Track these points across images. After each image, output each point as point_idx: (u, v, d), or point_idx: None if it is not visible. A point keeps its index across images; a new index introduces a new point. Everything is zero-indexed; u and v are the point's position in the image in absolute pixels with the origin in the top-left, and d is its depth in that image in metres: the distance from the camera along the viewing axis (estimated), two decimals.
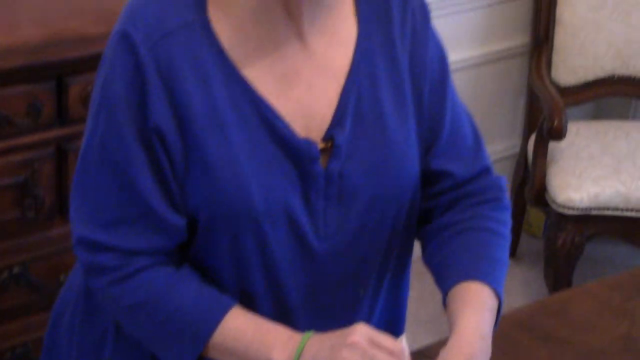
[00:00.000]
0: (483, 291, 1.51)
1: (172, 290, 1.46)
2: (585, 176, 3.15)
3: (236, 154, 1.45)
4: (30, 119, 2.15)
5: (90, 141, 1.46)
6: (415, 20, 1.58)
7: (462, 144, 1.64)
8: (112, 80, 1.42)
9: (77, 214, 1.49)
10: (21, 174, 2.18)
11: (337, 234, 1.53)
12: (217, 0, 1.45)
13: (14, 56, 2.11)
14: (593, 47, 3.48)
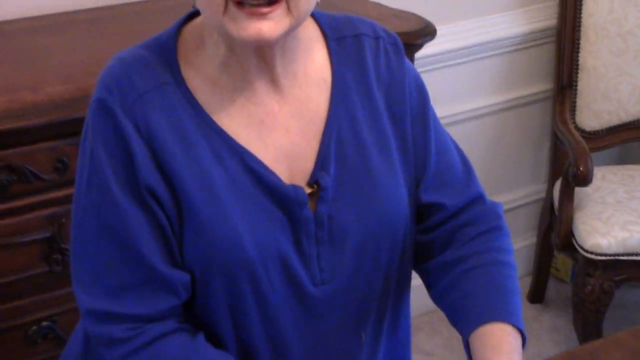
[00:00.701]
0: (507, 333, 1.50)
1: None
2: (613, 221, 3.14)
3: (226, 208, 1.46)
4: (57, 174, 2.17)
5: (83, 210, 1.48)
6: (389, 59, 1.60)
7: (451, 173, 1.65)
8: (97, 147, 1.45)
9: (80, 285, 1.50)
10: (48, 228, 2.19)
11: (333, 279, 1.54)
12: (188, 59, 1.49)
13: (40, 113, 2.12)
14: (617, 91, 3.48)
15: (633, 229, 3.11)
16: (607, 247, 3.09)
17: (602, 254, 3.10)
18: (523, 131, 3.67)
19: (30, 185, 2.15)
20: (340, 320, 1.57)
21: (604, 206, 3.21)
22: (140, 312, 1.45)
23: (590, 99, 3.49)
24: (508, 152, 3.59)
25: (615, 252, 3.10)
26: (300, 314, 1.53)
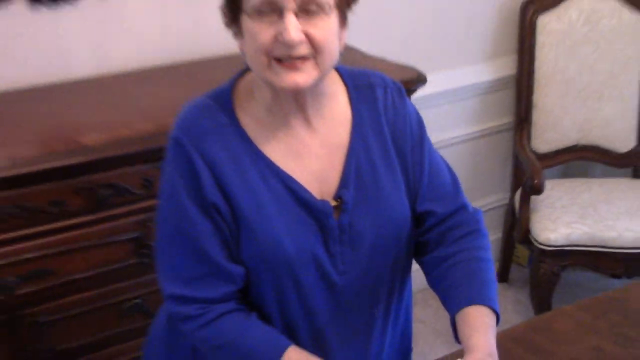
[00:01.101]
0: (484, 313, 1.50)
1: (245, 335, 1.47)
2: (559, 221, 3.12)
3: (270, 218, 1.47)
4: (144, 190, 2.17)
5: (164, 222, 1.50)
6: (394, 102, 1.60)
7: (441, 187, 1.64)
8: (173, 173, 1.48)
9: (163, 276, 1.52)
10: (137, 230, 2.19)
11: (352, 270, 1.54)
12: (241, 105, 1.50)
13: (132, 145, 2.14)
14: (561, 124, 3.47)
15: (574, 226, 3.09)
16: (555, 240, 3.08)
17: (551, 246, 3.08)
18: (492, 153, 3.66)
19: (124, 198, 2.15)
20: (358, 300, 1.58)
21: (552, 210, 3.19)
22: (208, 296, 1.47)
23: (541, 129, 3.48)
24: (481, 169, 3.59)
25: (561, 244, 3.08)
26: (328, 296, 1.54)
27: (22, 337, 2.11)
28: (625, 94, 3.45)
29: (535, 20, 3.41)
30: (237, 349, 1.47)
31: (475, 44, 3.46)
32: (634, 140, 3.49)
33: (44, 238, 2.07)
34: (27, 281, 2.06)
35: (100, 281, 2.18)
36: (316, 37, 1.37)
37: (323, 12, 1.38)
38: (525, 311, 3.32)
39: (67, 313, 2.15)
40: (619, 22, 3.41)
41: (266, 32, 1.36)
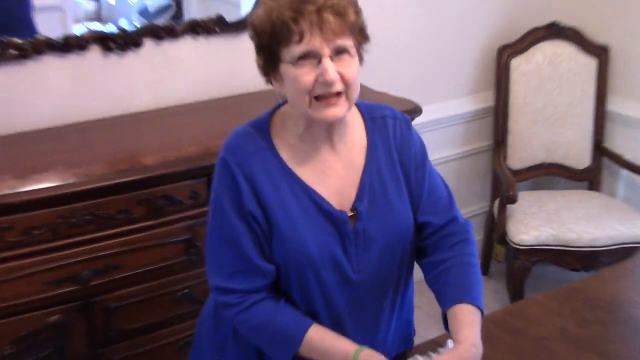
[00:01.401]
0: (471, 310, 1.49)
1: (274, 317, 1.47)
2: (530, 225, 3.10)
3: (297, 225, 1.47)
4: (192, 200, 2.17)
5: (212, 227, 1.51)
6: (402, 129, 1.59)
7: (438, 202, 1.62)
8: (220, 188, 1.49)
9: (210, 271, 1.53)
10: (187, 233, 2.19)
11: (365, 269, 1.53)
12: (277, 133, 1.51)
13: (182, 164, 2.14)
14: (530, 146, 3.45)
15: (542, 229, 3.07)
16: (526, 241, 3.05)
17: (524, 245, 3.06)
18: (474, 170, 3.64)
19: (176, 207, 2.15)
20: (369, 293, 1.57)
21: (524, 216, 3.17)
22: (245, 287, 1.47)
23: (514, 150, 3.45)
24: (465, 183, 3.57)
25: (531, 244, 3.05)
26: (345, 290, 1.53)
27: (95, 319, 2.11)
28: (581, 121, 3.43)
29: (509, 63, 3.40)
30: (268, 328, 1.47)
31: (461, 81, 3.45)
32: (589, 159, 3.47)
33: (113, 240, 2.07)
34: (99, 274, 2.07)
35: (157, 274, 2.18)
36: (346, 75, 1.39)
37: (349, 55, 1.40)
38: (502, 299, 3.30)
39: (131, 300, 2.15)
40: (575, 64, 3.40)
41: (308, 76, 1.37)
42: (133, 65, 2.50)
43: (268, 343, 1.50)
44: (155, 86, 2.57)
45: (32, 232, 1.94)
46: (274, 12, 1.37)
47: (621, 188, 3.49)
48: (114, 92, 2.49)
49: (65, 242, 2.00)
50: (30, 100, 2.34)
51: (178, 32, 2.55)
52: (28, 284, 1.97)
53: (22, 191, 1.92)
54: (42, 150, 2.19)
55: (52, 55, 2.34)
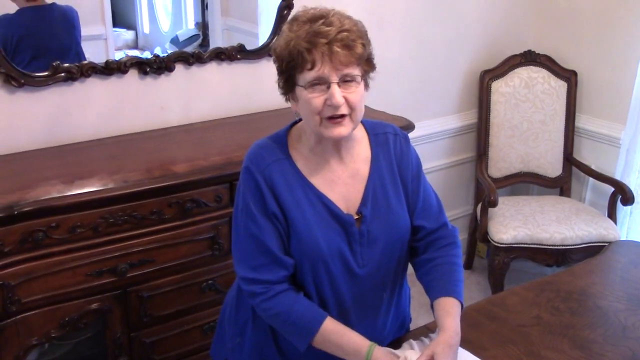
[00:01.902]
0: (454, 303, 1.49)
1: (294, 307, 1.45)
2: (508, 226, 3.06)
3: (311, 225, 1.46)
4: (216, 203, 2.14)
5: (239, 225, 1.48)
6: (401, 145, 1.58)
7: (429, 209, 1.60)
8: (245, 192, 1.47)
9: (237, 264, 1.51)
10: (212, 232, 2.16)
11: (368, 264, 1.51)
12: (293, 146, 1.50)
13: (208, 171, 2.11)
14: (508, 157, 3.41)
15: (519, 229, 3.03)
16: (505, 239, 3.01)
17: (503, 243, 3.02)
18: (460, 178, 3.60)
19: (202, 209, 2.12)
20: (371, 286, 1.55)
21: (503, 218, 3.13)
22: (269, 278, 1.45)
23: (495, 161, 3.42)
24: (452, 189, 3.53)
25: (510, 242, 3.01)
26: (350, 283, 1.51)
27: (131, 306, 2.09)
28: (553, 136, 3.39)
29: (490, 85, 3.38)
30: (289, 317, 1.45)
31: (448, 101, 3.42)
32: (560, 169, 3.43)
33: (147, 237, 2.05)
34: (134, 267, 2.04)
35: (185, 267, 2.15)
36: (351, 100, 1.39)
37: (355, 82, 1.41)
38: (484, 290, 3.26)
39: (162, 290, 2.12)
40: (548, 86, 3.37)
41: (318, 100, 1.38)
42: (166, 86, 2.49)
43: (288, 330, 1.48)
44: (184, 105, 2.55)
45: (76, 231, 1.92)
46: (292, 42, 1.38)
47: (588, 194, 3.46)
48: (149, 109, 2.48)
49: (105, 239, 1.97)
50: (76, 116, 2.33)
51: (205, 58, 2.54)
52: (72, 276, 1.95)
53: (68, 195, 1.90)
54: (86, 160, 2.18)
55: (96, 78, 2.33)
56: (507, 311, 1.82)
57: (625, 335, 1.74)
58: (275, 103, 2.71)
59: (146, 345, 2.15)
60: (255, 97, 2.70)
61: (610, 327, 1.78)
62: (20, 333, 1.91)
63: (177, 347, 2.21)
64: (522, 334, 1.72)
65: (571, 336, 1.72)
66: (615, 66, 3.24)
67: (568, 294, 1.92)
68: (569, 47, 3.41)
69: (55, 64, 2.23)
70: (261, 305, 1.46)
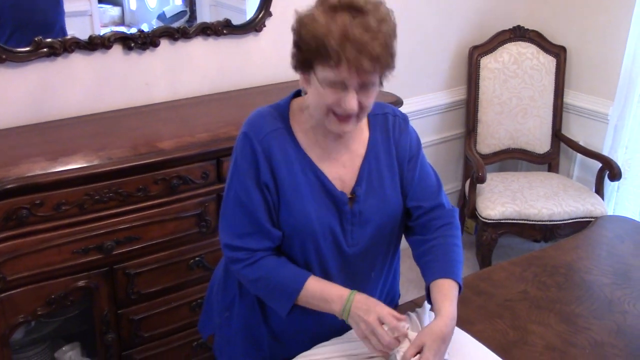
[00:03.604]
0: (452, 285, 1.46)
1: (276, 270, 1.44)
2: (497, 202, 3.06)
3: (304, 199, 1.44)
4: (202, 180, 2.13)
5: (229, 193, 1.46)
6: (400, 126, 1.56)
7: (427, 189, 1.58)
8: (240, 159, 1.44)
9: (223, 230, 1.49)
10: (198, 209, 2.14)
11: (358, 244, 1.50)
12: (294, 117, 1.48)
13: (194, 148, 2.10)
14: (497, 134, 3.40)
15: (507, 205, 3.03)
16: (493, 215, 3.01)
17: (491, 219, 3.02)
18: (449, 154, 3.60)
19: (189, 186, 2.11)
20: (359, 265, 1.54)
21: (492, 194, 3.13)
22: (252, 247, 1.44)
23: (484, 137, 3.41)
24: (441, 165, 3.52)
25: (498, 218, 3.01)
26: (339, 262, 1.51)
27: (118, 283, 2.08)
28: (542, 112, 3.39)
29: (479, 61, 3.36)
30: (270, 280, 1.44)
31: (438, 77, 3.40)
32: (548, 145, 3.43)
33: (133, 214, 2.03)
34: (120, 244, 2.03)
35: (172, 245, 2.14)
36: (364, 104, 1.37)
37: (374, 86, 1.37)
38: (472, 266, 3.27)
39: (149, 267, 2.12)
40: (537, 62, 3.36)
41: (332, 97, 1.35)
42: (151, 62, 2.46)
43: (269, 294, 1.47)
44: (170, 81, 2.52)
45: (61, 208, 1.90)
46: (324, 33, 1.30)
47: (576, 170, 3.47)
48: (134, 86, 2.45)
49: (90, 217, 1.96)
50: (60, 92, 2.29)
51: (190, 34, 2.51)
52: (58, 253, 1.93)
53: (53, 171, 1.88)
54: (70, 136, 2.15)
55: (79, 53, 2.30)
56: (494, 286, 1.83)
57: (610, 309, 1.75)
58: (263, 79, 2.69)
59: (134, 322, 2.14)
60: (243, 73, 2.67)
61: (596, 301, 1.79)
62: (6, 311, 1.90)
63: (165, 324, 2.21)
64: (508, 309, 1.73)
65: (557, 310, 1.73)
66: (604, 42, 3.23)
67: (554, 268, 1.93)
68: (559, 22, 3.40)
69: (37, 39, 2.19)
70: (243, 270, 1.45)
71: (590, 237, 2.15)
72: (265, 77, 2.71)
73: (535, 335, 1.63)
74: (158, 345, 2.23)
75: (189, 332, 2.25)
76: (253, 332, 1.59)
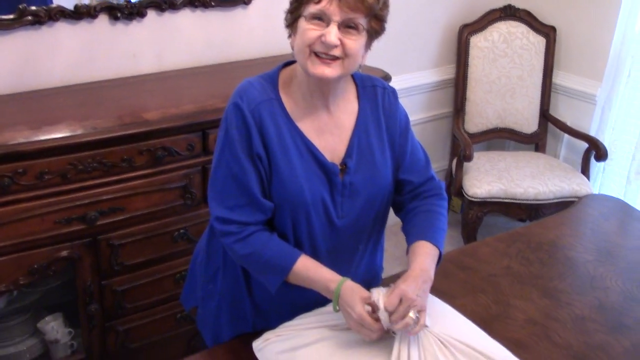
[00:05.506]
0: (428, 246, 1.47)
1: (266, 246, 1.43)
2: (483, 180, 3.06)
3: (295, 170, 1.42)
4: (188, 152, 2.11)
5: (219, 164, 1.43)
6: (390, 101, 1.55)
7: (417, 164, 1.58)
8: (231, 129, 1.41)
9: (213, 203, 1.46)
10: (183, 181, 2.13)
11: (348, 216, 1.49)
12: (283, 88, 1.45)
13: (180, 119, 2.07)
14: (485, 113, 3.39)
15: (493, 184, 3.03)
16: (480, 194, 3.01)
17: (477, 197, 3.02)
18: (437, 133, 3.59)
19: (174, 157, 2.09)
20: (348, 237, 1.53)
21: (478, 172, 3.13)
22: (245, 220, 1.42)
23: (472, 116, 3.40)
24: (429, 144, 3.47)
25: (484, 197, 3.02)
26: (328, 233, 1.50)
27: (101, 254, 2.06)
28: (530, 92, 3.38)
29: (469, 40, 3.34)
30: (262, 256, 1.42)
31: (426, 55, 3.38)
32: (535, 125, 3.42)
33: (117, 185, 2.01)
34: (104, 215, 2.01)
35: (156, 216, 2.12)
36: (347, 45, 1.35)
37: (357, 30, 1.36)
38: (457, 244, 3.27)
39: (133, 238, 2.10)
40: (527, 42, 3.34)
41: (314, 32, 1.33)
42: (137, 33, 2.42)
43: (260, 269, 1.46)
44: (157, 52, 2.49)
45: (44, 177, 1.87)
46: None
47: (563, 150, 3.47)
48: (120, 56, 2.41)
49: (74, 187, 1.93)
50: (44, 62, 2.26)
51: (178, 5, 2.47)
52: (41, 223, 1.91)
53: (36, 140, 1.85)
54: (54, 106, 2.12)
55: (64, 22, 2.25)
56: (478, 261, 1.83)
57: (592, 285, 1.75)
58: (251, 53, 2.66)
59: (117, 294, 2.13)
60: (231, 46, 2.64)
61: (579, 277, 1.79)
62: None
63: (149, 296, 2.20)
64: (492, 284, 1.73)
65: (540, 286, 1.73)
66: (594, 23, 3.21)
67: (538, 245, 1.93)
68: (549, 2, 3.38)
69: (21, 6, 2.14)
70: (233, 245, 1.43)
71: (575, 214, 2.15)
72: (253, 51, 2.67)
73: (517, 309, 1.63)
74: (142, 317, 2.22)
75: (172, 304, 2.24)
76: (236, 303, 1.58)
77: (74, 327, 2.19)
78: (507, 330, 1.54)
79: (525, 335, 1.54)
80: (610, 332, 1.56)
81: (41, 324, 2.18)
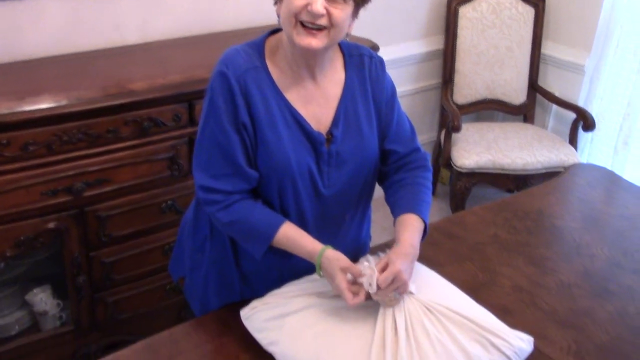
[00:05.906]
0: (414, 218, 1.48)
1: (251, 214, 1.42)
2: (472, 151, 3.06)
3: (282, 139, 1.41)
4: (174, 122, 2.09)
5: (203, 132, 1.42)
6: (377, 70, 1.53)
7: (403, 134, 1.58)
8: (216, 97, 1.39)
9: (197, 171, 1.44)
10: (170, 152, 2.11)
11: (334, 185, 1.49)
12: (269, 56, 1.44)
13: (167, 90, 2.05)
14: (474, 84, 3.38)
15: (481, 155, 3.04)
16: (468, 165, 3.02)
17: (465, 168, 3.03)
18: (425, 104, 3.58)
19: (160, 128, 2.07)
20: (334, 207, 1.53)
21: (467, 143, 3.13)
22: (229, 189, 1.41)
23: (460, 87, 3.39)
24: (417, 115, 3.50)
25: (472, 168, 3.02)
26: (314, 202, 1.49)
27: (88, 226, 2.05)
28: (519, 63, 3.37)
29: (457, 10, 3.31)
30: (246, 224, 1.42)
31: (415, 26, 3.36)
32: (524, 96, 3.42)
33: (103, 156, 2.00)
34: (91, 186, 2.00)
35: (144, 188, 2.11)
36: (334, 15, 1.34)
37: (344, 0, 1.35)
38: (446, 215, 3.28)
39: (120, 210, 2.09)
40: (516, 12, 3.32)
41: (300, 1, 1.32)
42: (123, 2, 2.38)
43: (245, 237, 1.45)
44: (142, 22, 2.46)
45: (28, 148, 1.85)
46: None
47: (551, 121, 3.47)
48: (105, 27, 2.38)
49: (59, 158, 1.92)
50: (28, 32, 2.22)
51: None
52: (27, 194, 1.90)
53: (20, 111, 1.83)
54: (38, 77, 2.09)
55: None
56: (466, 230, 1.83)
57: (578, 253, 1.76)
58: (239, 23, 2.63)
59: (105, 265, 2.12)
60: (218, 15, 2.61)
61: (565, 245, 1.80)
62: None
63: (137, 267, 2.20)
64: (478, 252, 1.73)
65: (526, 254, 1.74)
66: None
67: (526, 214, 1.93)
68: None
69: None
70: (218, 213, 1.43)
71: (562, 184, 2.16)
72: (240, 21, 2.64)
73: (503, 277, 1.64)
74: (130, 288, 2.21)
75: (161, 275, 2.24)
76: (224, 272, 1.58)
77: (62, 298, 2.19)
78: (494, 297, 1.55)
79: (511, 301, 1.55)
80: (594, 297, 1.58)
81: (29, 296, 2.17)
